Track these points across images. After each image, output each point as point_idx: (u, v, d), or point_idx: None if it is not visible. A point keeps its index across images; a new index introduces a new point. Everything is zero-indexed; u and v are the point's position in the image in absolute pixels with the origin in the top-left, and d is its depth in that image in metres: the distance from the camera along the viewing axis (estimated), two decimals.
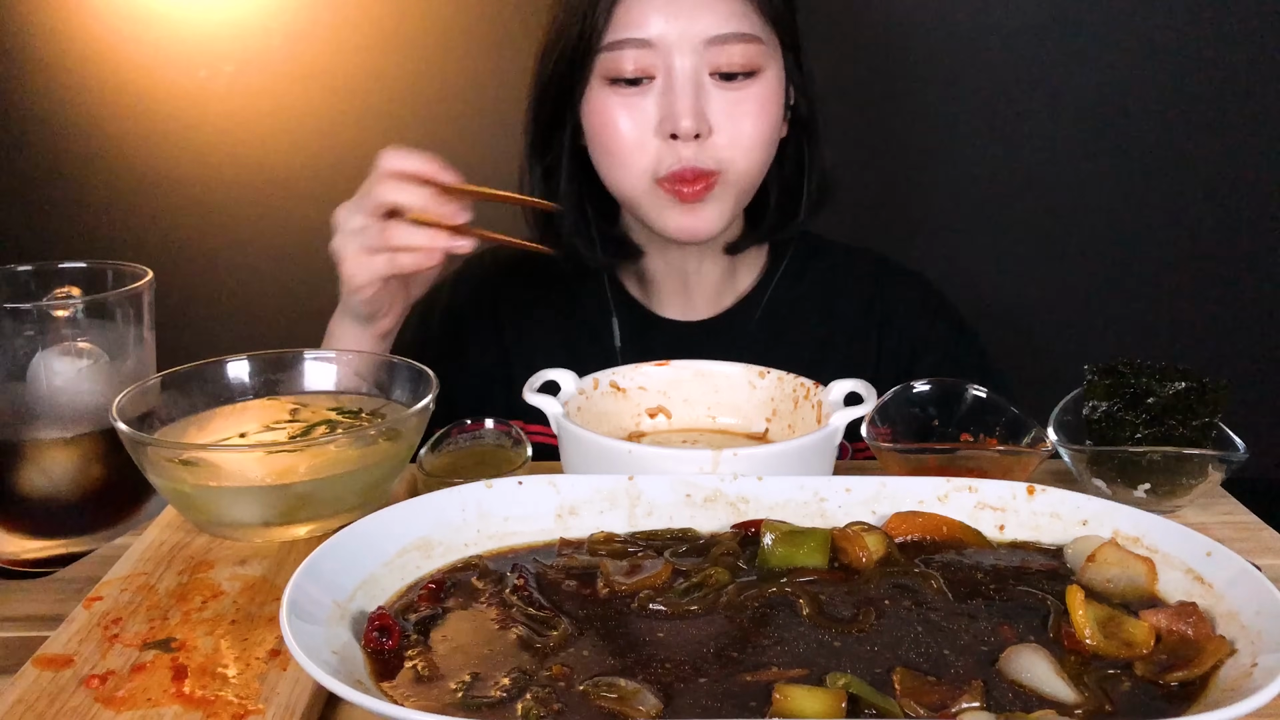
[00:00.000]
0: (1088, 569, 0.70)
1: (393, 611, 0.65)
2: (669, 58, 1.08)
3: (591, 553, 0.74)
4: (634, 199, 1.15)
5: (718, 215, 1.13)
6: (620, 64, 1.09)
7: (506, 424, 0.98)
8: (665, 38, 1.07)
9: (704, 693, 0.59)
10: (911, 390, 0.98)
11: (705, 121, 1.08)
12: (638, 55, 1.08)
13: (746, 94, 1.10)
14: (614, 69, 1.09)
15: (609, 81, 1.10)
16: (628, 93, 1.10)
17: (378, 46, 1.89)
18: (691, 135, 1.07)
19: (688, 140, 1.08)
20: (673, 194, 1.11)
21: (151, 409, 0.89)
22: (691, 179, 1.09)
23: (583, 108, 1.15)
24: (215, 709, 0.62)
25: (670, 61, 1.08)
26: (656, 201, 1.13)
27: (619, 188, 1.16)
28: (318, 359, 0.98)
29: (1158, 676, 0.60)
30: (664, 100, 1.09)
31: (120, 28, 1.91)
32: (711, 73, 1.09)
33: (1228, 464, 0.89)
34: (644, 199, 1.14)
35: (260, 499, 0.81)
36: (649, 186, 1.12)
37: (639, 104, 1.10)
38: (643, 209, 1.15)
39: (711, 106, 1.09)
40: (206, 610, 0.73)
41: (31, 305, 0.88)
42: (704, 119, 1.08)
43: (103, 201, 1.97)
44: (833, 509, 0.77)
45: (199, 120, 1.95)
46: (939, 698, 0.58)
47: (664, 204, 1.12)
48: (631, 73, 1.09)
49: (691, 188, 1.10)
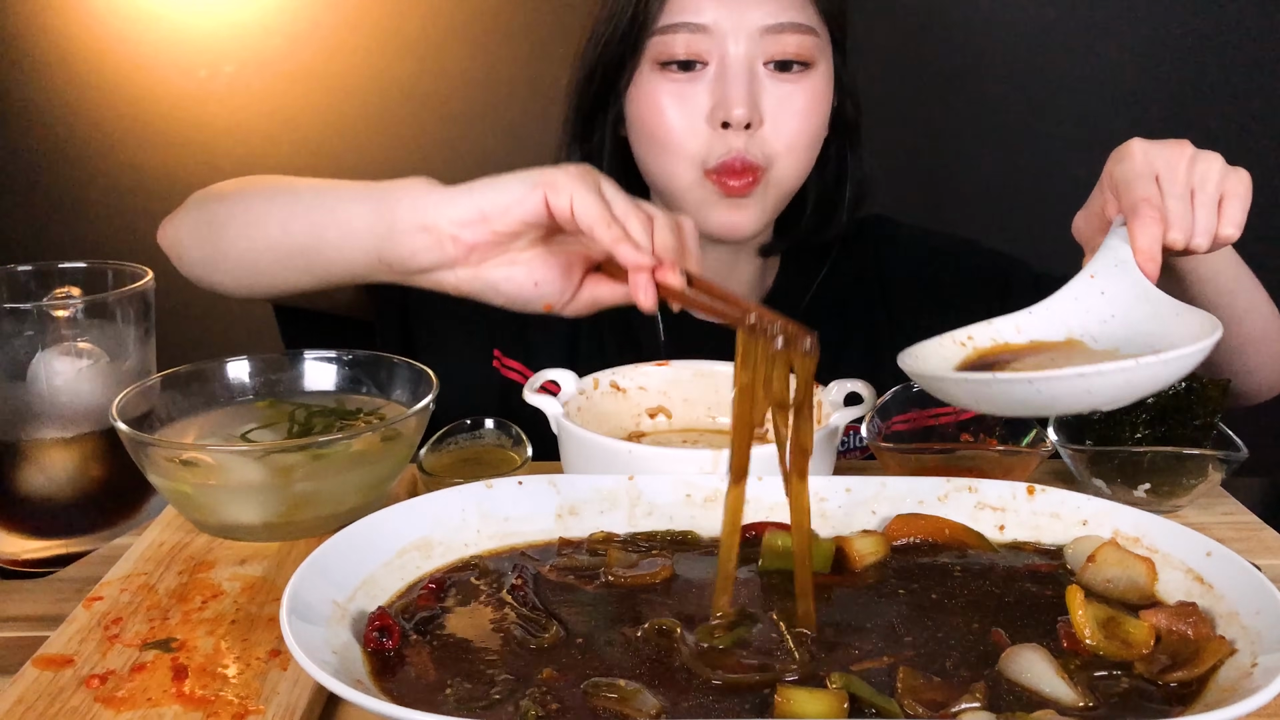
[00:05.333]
0: (1088, 569, 0.70)
1: (393, 611, 0.65)
2: (723, 44, 1.07)
3: (591, 552, 0.74)
4: (678, 191, 1.13)
5: (759, 213, 1.13)
6: (673, 48, 1.08)
7: (507, 424, 0.98)
8: (720, 24, 1.07)
9: (704, 693, 0.59)
10: (911, 390, 0.98)
11: (758, 111, 1.07)
12: (691, 40, 1.07)
13: (799, 87, 1.09)
14: (666, 52, 1.08)
15: (660, 66, 1.09)
16: (679, 78, 1.09)
17: (378, 46, 1.89)
18: (744, 124, 1.06)
19: (739, 130, 1.07)
20: (719, 185, 1.10)
21: (151, 409, 0.89)
22: (740, 170, 1.08)
23: (630, 94, 1.13)
24: (215, 709, 0.62)
25: (724, 48, 1.07)
26: (701, 195, 1.11)
27: (663, 178, 1.14)
28: (318, 359, 0.98)
29: (1158, 677, 0.60)
30: (716, 87, 1.07)
31: (120, 28, 1.91)
32: (765, 62, 1.08)
33: (1228, 464, 0.89)
34: (688, 192, 1.12)
35: (260, 499, 0.81)
36: (696, 178, 1.11)
37: (690, 91, 1.08)
38: (686, 201, 1.13)
39: (764, 97, 1.08)
40: (206, 610, 0.73)
41: (31, 305, 0.88)
42: (757, 108, 1.07)
43: (103, 201, 1.98)
44: (833, 509, 0.77)
45: (199, 120, 1.95)
46: (939, 698, 0.58)
47: (708, 198, 1.11)
48: (684, 55, 1.08)
49: (739, 180, 1.08)
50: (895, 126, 1.78)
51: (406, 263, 0.85)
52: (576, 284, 0.84)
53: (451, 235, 0.82)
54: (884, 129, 0.84)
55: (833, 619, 0.66)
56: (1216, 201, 0.87)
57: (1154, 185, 0.87)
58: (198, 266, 1.05)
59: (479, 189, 0.83)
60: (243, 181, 1.05)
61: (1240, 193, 0.88)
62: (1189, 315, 0.78)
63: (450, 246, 0.83)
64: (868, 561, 0.72)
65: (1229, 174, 0.88)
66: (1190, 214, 0.86)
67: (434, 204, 0.84)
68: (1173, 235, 0.85)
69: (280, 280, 0.99)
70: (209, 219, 1.03)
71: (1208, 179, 0.87)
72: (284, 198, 0.97)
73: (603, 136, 1.18)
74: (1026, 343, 0.86)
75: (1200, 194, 0.87)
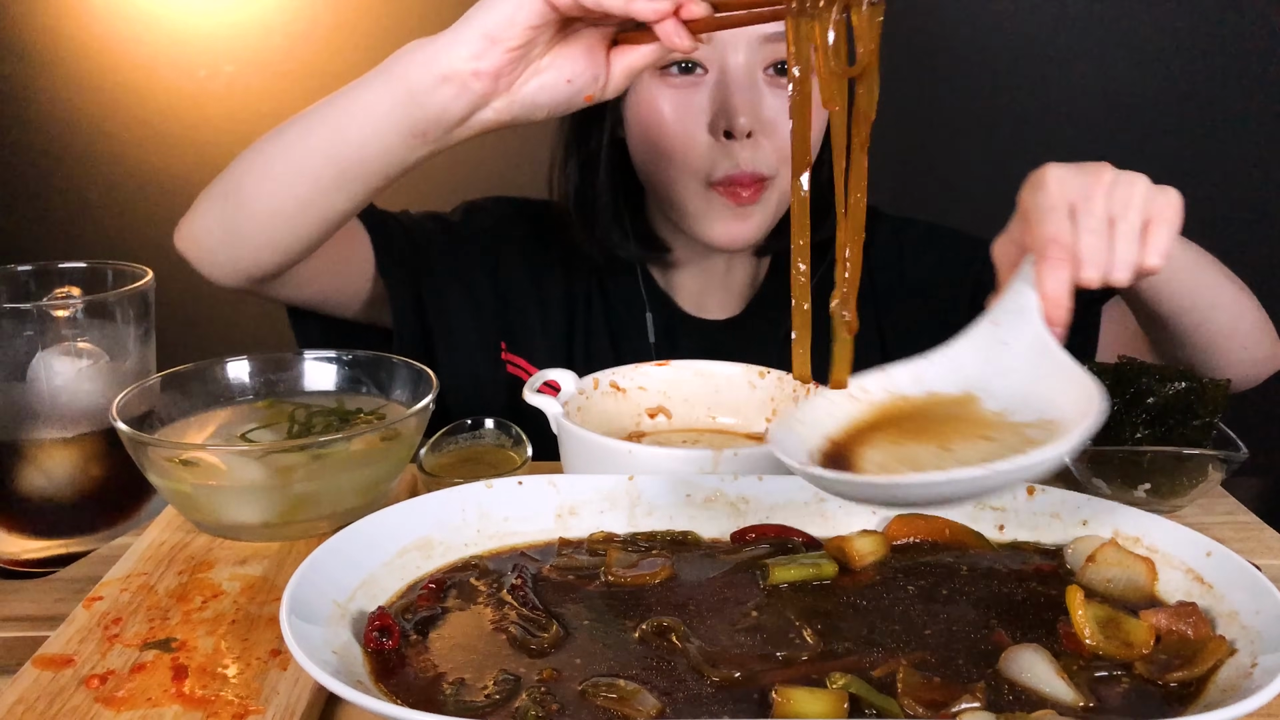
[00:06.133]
0: (1088, 569, 0.70)
1: (393, 611, 0.65)
2: (723, 52, 1.06)
3: (591, 552, 0.74)
4: (681, 200, 1.13)
5: (762, 221, 1.12)
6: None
7: (507, 424, 0.98)
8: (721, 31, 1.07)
9: (704, 693, 0.59)
10: None
11: (760, 120, 1.07)
12: None
13: None
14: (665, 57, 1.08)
15: (659, 70, 1.08)
16: (678, 83, 1.08)
17: (378, 46, 1.88)
18: (746, 133, 1.06)
19: (741, 138, 1.06)
20: (728, 196, 1.09)
21: (151, 409, 0.89)
22: (748, 183, 1.08)
23: (628, 98, 1.13)
24: (215, 709, 0.62)
25: (724, 56, 1.06)
26: (705, 205, 1.11)
27: (664, 186, 1.14)
28: (318, 359, 0.98)
29: (1158, 677, 0.60)
30: (717, 94, 1.07)
31: (120, 28, 1.91)
32: (765, 68, 1.07)
33: (1228, 464, 0.89)
34: (691, 201, 1.12)
35: (260, 499, 0.81)
36: (699, 189, 1.10)
37: (689, 98, 1.08)
38: (687, 211, 1.13)
39: (764, 105, 1.07)
40: (206, 610, 0.73)
41: (31, 305, 0.88)
42: (759, 117, 1.07)
43: (103, 201, 1.98)
44: (833, 509, 0.77)
45: (199, 120, 1.95)
46: (939, 698, 0.58)
47: (713, 208, 1.11)
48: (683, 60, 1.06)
49: (747, 191, 1.09)
50: (893, 127, 1.79)
51: (441, 120, 0.84)
52: (605, 64, 0.83)
53: (472, 72, 0.81)
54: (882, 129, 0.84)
55: (833, 619, 0.66)
56: (1139, 230, 0.79)
57: (1066, 220, 0.79)
58: (221, 251, 1.00)
59: (475, 17, 0.81)
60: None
61: (1168, 217, 0.80)
62: (1077, 386, 0.73)
63: (475, 84, 0.81)
64: (868, 561, 0.72)
65: (1154, 197, 0.80)
66: (1108, 248, 0.78)
67: (441, 51, 0.82)
68: (1086, 274, 0.77)
69: (316, 216, 0.94)
70: (224, 189, 0.99)
71: (1130, 205, 0.79)
72: (294, 127, 0.94)
73: (600, 138, 1.18)
74: (923, 396, 0.81)
75: (1121, 223, 0.79)
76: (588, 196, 1.19)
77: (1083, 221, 0.79)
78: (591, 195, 1.18)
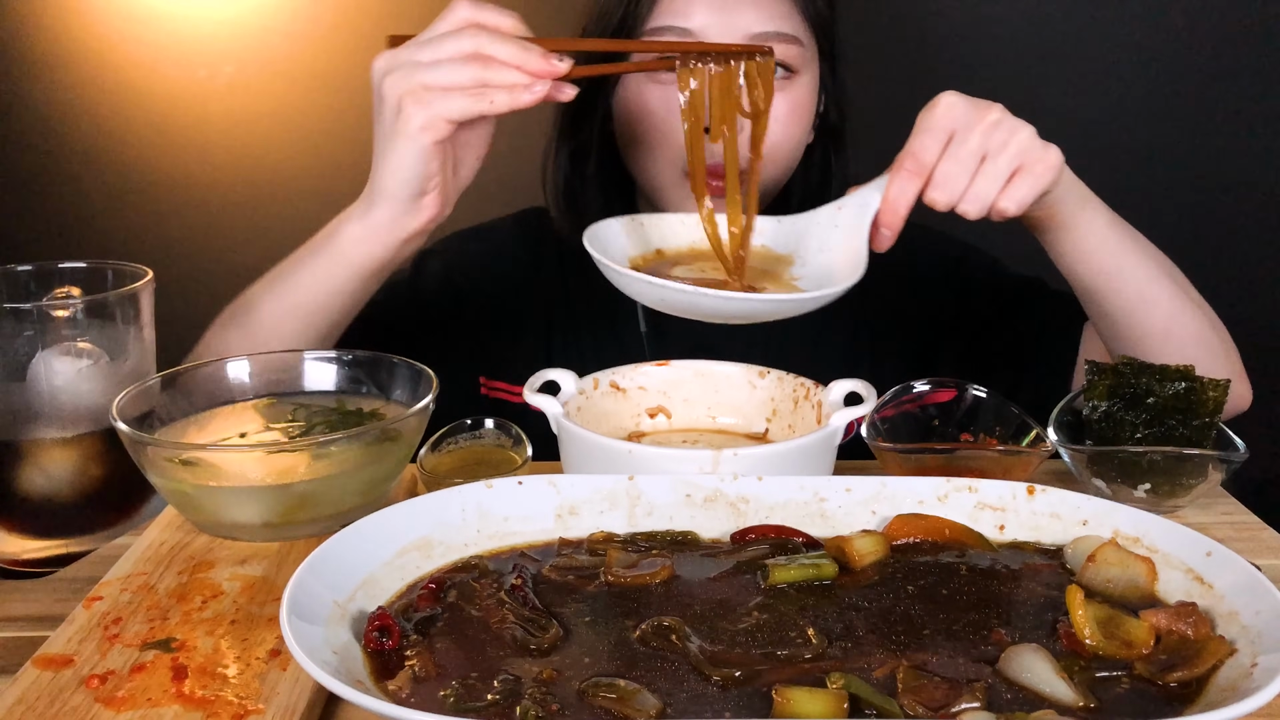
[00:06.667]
0: (1088, 569, 0.70)
1: (393, 611, 0.65)
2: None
3: (591, 552, 0.74)
4: (660, 189, 1.16)
5: None
6: None
7: (507, 424, 0.98)
8: (708, 30, 1.08)
9: (704, 693, 0.59)
10: (911, 390, 0.98)
11: None
12: None
13: (781, 95, 1.10)
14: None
15: None
16: (665, 80, 1.11)
17: (377, 46, 1.88)
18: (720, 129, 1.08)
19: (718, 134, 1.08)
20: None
21: (151, 409, 0.89)
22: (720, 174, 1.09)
23: (617, 93, 1.17)
24: (215, 709, 0.62)
25: None
26: (682, 194, 1.14)
27: (646, 176, 1.17)
28: (318, 359, 0.98)
29: (1158, 677, 0.60)
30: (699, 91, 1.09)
31: (120, 28, 1.91)
32: None
33: (1228, 464, 0.89)
34: (669, 190, 1.15)
35: (260, 499, 0.81)
36: (676, 178, 1.14)
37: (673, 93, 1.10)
38: (668, 200, 1.16)
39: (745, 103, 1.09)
40: (206, 610, 0.73)
41: (31, 305, 0.88)
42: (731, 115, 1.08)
43: (103, 201, 1.98)
44: (833, 509, 0.77)
45: (199, 120, 1.95)
46: (939, 697, 0.58)
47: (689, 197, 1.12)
48: None
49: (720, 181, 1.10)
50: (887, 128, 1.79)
51: (416, 249, 0.98)
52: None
53: (427, 219, 0.93)
54: (877, 131, 0.85)
55: (833, 619, 0.66)
56: (1005, 174, 0.84)
57: (936, 143, 0.85)
58: None
59: (391, 182, 0.92)
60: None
61: (1038, 172, 0.84)
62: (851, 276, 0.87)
63: (432, 214, 0.94)
64: (868, 561, 0.72)
65: (1032, 149, 0.85)
66: (966, 178, 0.84)
67: (388, 225, 0.94)
68: (933, 194, 0.84)
69: (316, 337, 1.04)
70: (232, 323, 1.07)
71: (1005, 149, 0.85)
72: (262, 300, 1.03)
73: (591, 133, 1.20)
74: (760, 246, 0.98)
75: (991, 163, 0.84)
76: (578, 186, 1.23)
77: (952, 150, 0.86)
78: (581, 184, 1.22)
